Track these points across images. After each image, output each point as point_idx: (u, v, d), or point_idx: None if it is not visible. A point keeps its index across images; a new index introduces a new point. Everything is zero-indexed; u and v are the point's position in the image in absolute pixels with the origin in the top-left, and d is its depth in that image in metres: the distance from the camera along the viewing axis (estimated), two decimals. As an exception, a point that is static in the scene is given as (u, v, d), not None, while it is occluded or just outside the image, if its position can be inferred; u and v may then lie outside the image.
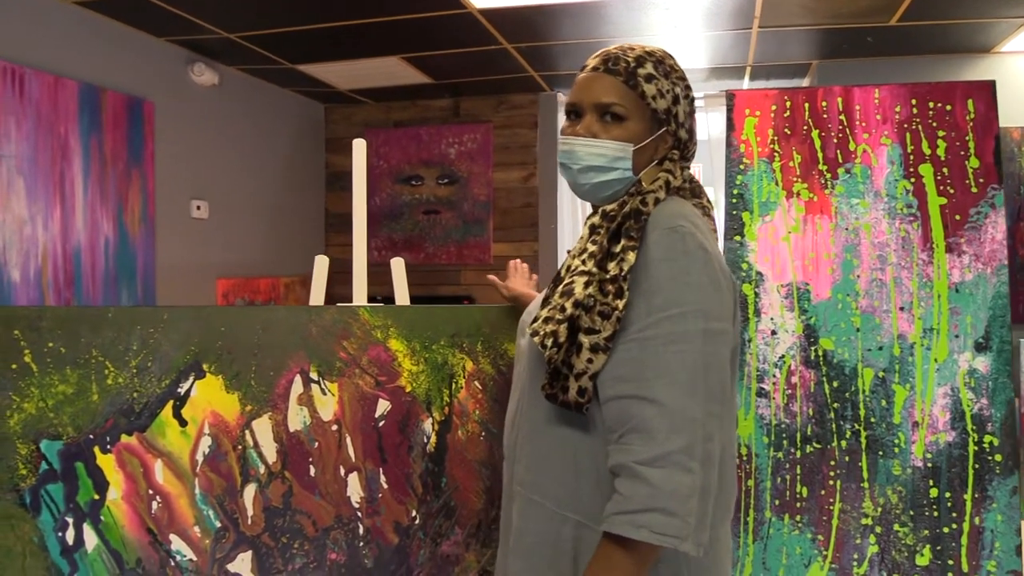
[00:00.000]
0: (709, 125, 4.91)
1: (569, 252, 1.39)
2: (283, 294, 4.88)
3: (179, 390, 1.93)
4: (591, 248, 1.21)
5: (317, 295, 2.13)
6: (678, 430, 1.06)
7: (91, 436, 1.89)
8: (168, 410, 1.93)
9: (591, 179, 1.26)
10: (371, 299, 4.85)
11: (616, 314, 1.11)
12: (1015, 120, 4.17)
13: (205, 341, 1.95)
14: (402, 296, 2.19)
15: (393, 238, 5.32)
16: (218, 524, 1.90)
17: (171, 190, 3.91)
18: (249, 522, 1.90)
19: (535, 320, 1.19)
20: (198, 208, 4.09)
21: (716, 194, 4.81)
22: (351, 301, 2.19)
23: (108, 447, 1.89)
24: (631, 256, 1.13)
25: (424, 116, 5.29)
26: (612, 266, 1.14)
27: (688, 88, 1.31)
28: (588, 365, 1.12)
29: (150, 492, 1.89)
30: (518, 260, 2.02)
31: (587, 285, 1.15)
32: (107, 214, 3.46)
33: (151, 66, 3.79)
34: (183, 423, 1.93)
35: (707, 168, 5.08)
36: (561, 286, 1.20)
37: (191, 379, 1.94)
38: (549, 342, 1.14)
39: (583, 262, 1.20)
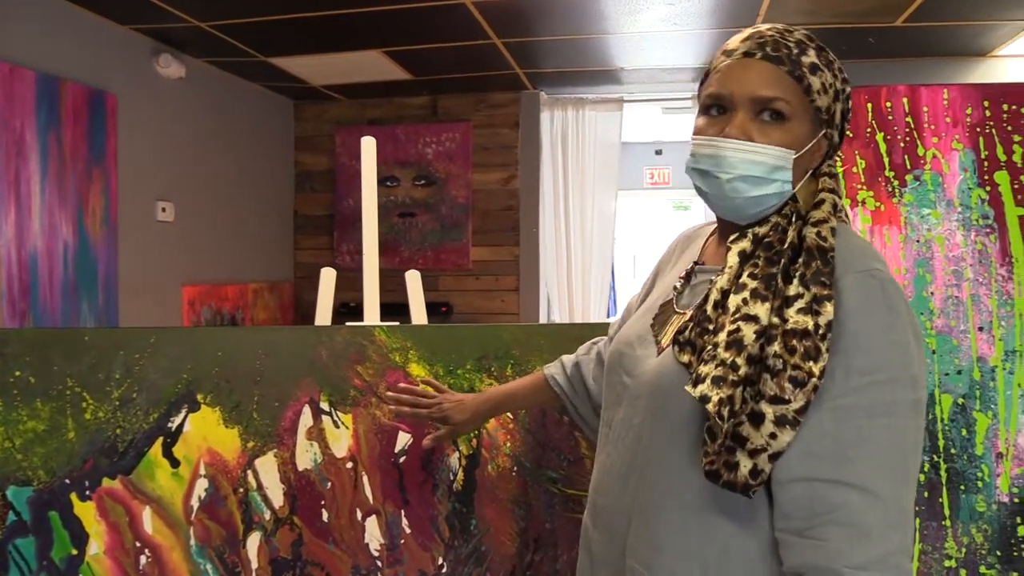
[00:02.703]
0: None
1: (683, 281, 1.15)
2: (251, 301, 4.59)
3: (170, 425, 1.69)
4: (752, 284, 0.98)
5: (324, 312, 1.89)
6: (894, 526, 0.89)
7: (67, 480, 1.63)
8: (157, 448, 1.68)
9: (742, 192, 1.02)
10: (343, 306, 4.60)
11: (813, 381, 0.90)
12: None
13: (199, 368, 1.70)
14: (419, 313, 1.96)
15: (366, 242, 5.06)
16: (218, 580, 1.65)
17: (135, 191, 3.60)
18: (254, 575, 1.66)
19: (698, 379, 0.95)
20: (163, 210, 3.79)
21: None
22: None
23: (87, 493, 1.64)
24: (829, 308, 0.92)
25: (400, 114, 5.04)
26: (796, 316, 0.92)
27: (847, 82, 1.08)
28: (771, 441, 0.91)
29: (137, 545, 1.64)
30: (420, 386, 1.66)
31: (761, 337, 0.94)
32: (66, 216, 3.15)
33: (114, 56, 3.48)
34: (175, 463, 1.68)
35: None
36: (723, 334, 0.96)
37: (184, 412, 1.70)
38: (725, 411, 0.92)
39: (744, 302, 0.97)
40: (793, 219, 1.02)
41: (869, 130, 1.81)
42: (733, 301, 0.98)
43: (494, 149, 4.95)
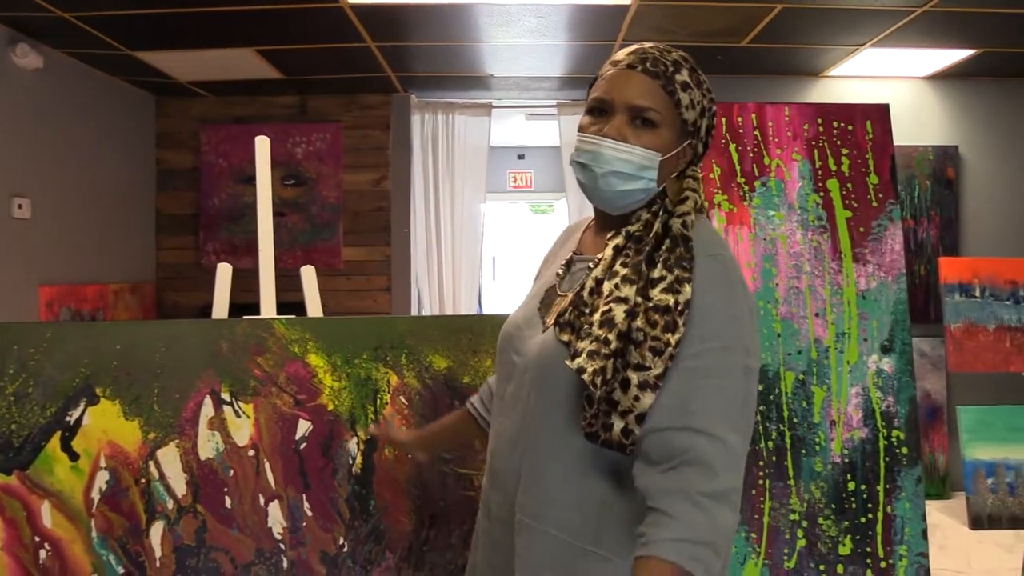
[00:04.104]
0: (562, 131, 5.01)
1: (560, 271, 1.30)
2: (112, 302, 4.43)
3: (68, 419, 1.69)
4: (623, 271, 1.13)
5: (221, 307, 1.94)
6: (731, 468, 1.04)
7: (-40, 477, 1.61)
8: (55, 442, 1.68)
9: (613, 186, 1.18)
10: (209, 308, 4.53)
11: (670, 350, 1.05)
12: (838, 138, 4.58)
13: (97, 362, 1.72)
14: (314, 307, 2.04)
15: (234, 241, 4.98)
16: (121, 570, 1.68)
17: (-11, 186, 3.43)
18: (158, 564, 1.69)
19: (576, 354, 1.10)
20: (19, 207, 3.62)
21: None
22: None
23: (-18, 489, 1.62)
24: (687, 289, 1.08)
25: (267, 113, 5.00)
26: (660, 295, 1.08)
27: (713, 102, 1.24)
28: (635, 403, 1.06)
29: (36, 539, 1.64)
30: (387, 412, 1.83)
31: (630, 315, 1.09)
32: (-84, 213, 2.97)
33: (-36, 44, 3.31)
34: (74, 457, 1.69)
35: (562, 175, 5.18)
36: (598, 315, 1.11)
37: (82, 406, 1.71)
38: (598, 380, 1.06)
39: (616, 286, 1.12)
40: (661, 213, 1.18)
41: (724, 141, 2.05)
42: (607, 286, 1.13)
43: (365, 150, 5.01)
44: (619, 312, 1.09)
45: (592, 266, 1.19)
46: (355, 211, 5.01)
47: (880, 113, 2.07)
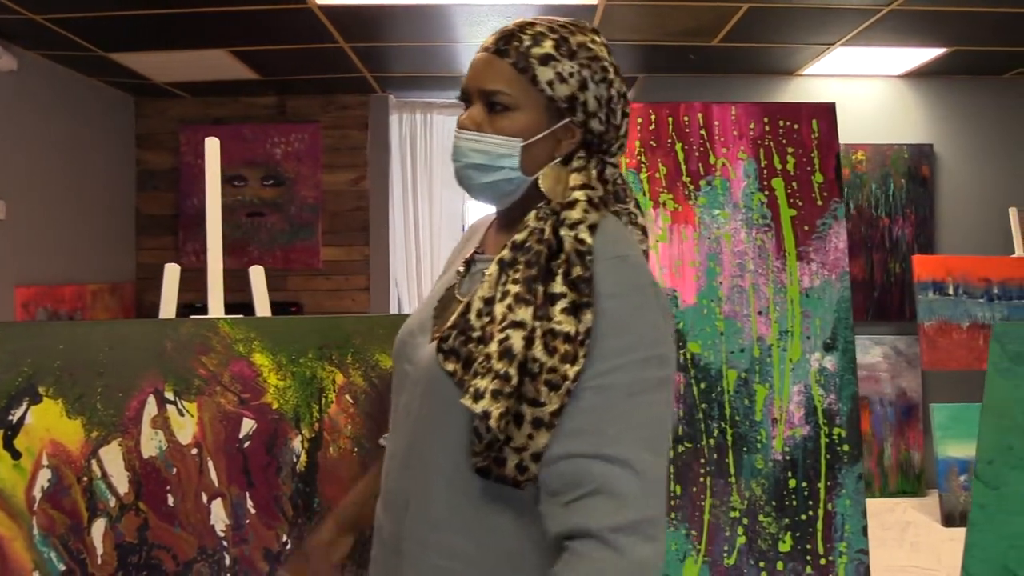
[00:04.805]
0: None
1: (459, 274, 1.18)
2: (90, 303, 4.45)
3: (11, 418, 1.71)
4: (515, 290, 0.99)
5: (168, 307, 1.96)
6: (648, 495, 0.94)
7: (-101, 475, 1.63)
8: (-3, 441, 1.70)
9: (474, 179, 1.08)
10: (188, 307, 4.55)
11: (567, 385, 0.93)
12: (813, 137, 4.59)
13: (40, 361, 1.73)
14: (263, 307, 2.06)
15: (214, 242, 5.00)
16: (62, 567, 1.69)
17: (-40, 188, 3.45)
18: (99, 562, 1.71)
19: (478, 394, 0.96)
20: (-7, 208, 3.65)
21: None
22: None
23: (-78, 487, 1.64)
24: (588, 316, 0.95)
25: (247, 113, 5.02)
26: (561, 316, 0.95)
27: (605, 70, 1.08)
28: (529, 441, 0.94)
29: (-24, 536, 1.66)
30: None
31: (528, 342, 0.96)
32: None
33: (-65, 46, 3.33)
34: (16, 455, 1.70)
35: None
36: (495, 344, 0.97)
37: (25, 405, 1.72)
38: (503, 424, 0.94)
39: (509, 308, 0.98)
40: (548, 219, 1.04)
41: (670, 140, 2.06)
42: (499, 309, 1.00)
43: (343, 150, 5.03)
44: (517, 340, 0.96)
45: (487, 273, 1.06)
46: (334, 211, 5.03)
47: (826, 112, 2.09)
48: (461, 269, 1.19)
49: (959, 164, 4.65)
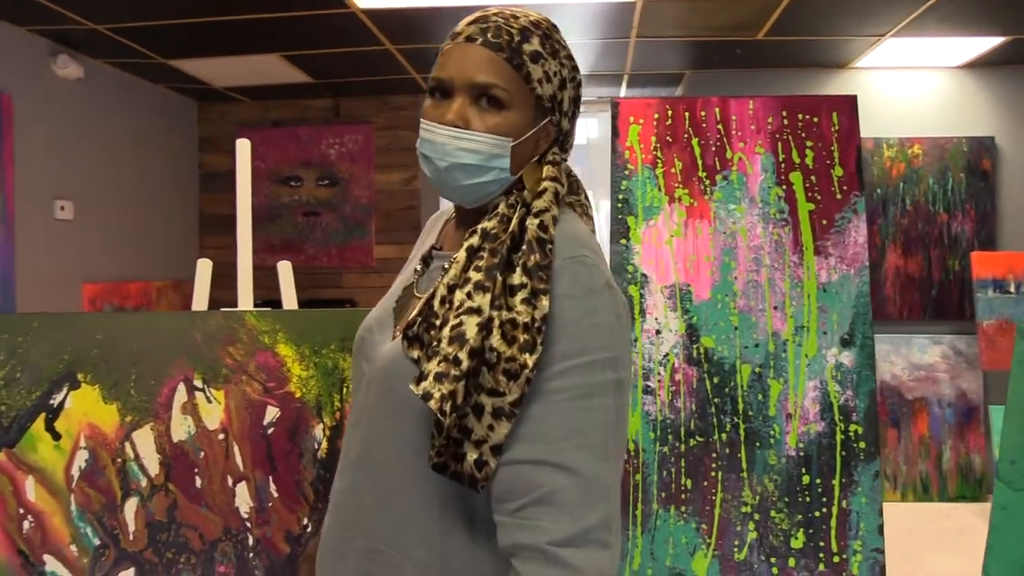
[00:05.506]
0: (587, 129, 5.05)
1: (417, 271, 1.16)
2: (155, 299, 4.66)
3: (52, 402, 1.83)
4: (476, 277, 0.96)
5: (200, 300, 2.06)
6: (595, 502, 0.91)
7: (-48, 454, 1.76)
8: (40, 423, 1.82)
9: (459, 180, 1.02)
10: (256, 304, 4.72)
11: (526, 373, 0.90)
12: (867, 131, 4.48)
13: (79, 350, 1.85)
14: (290, 300, 2.14)
15: (271, 240, 5.18)
16: (97, 541, 1.80)
17: (32, 189, 3.66)
18: (131, 538, 1.82)
19: (422, 376, 0.93)
20: (62, 208, 3.86)
21: (597, 198, 4.95)
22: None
23: (-28, 465, 1.77)
24: (544, 302, 0.92)
25: (303, 116, 5.18)
26: (520, 306, 0.92)
27: (575, 70, 1.07)
28: (489, 433, 0.92)
29: (21, 511, 1.78)
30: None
31: (483, 330, 0.93)
32: (-41, 214, 3.21)
33: (10, 57, 3.54)
34: (56, 437, 1.82)
35: (587, 171, 5.21)
36: (447, 329, 0.94)
37: (65, 390, 1.84)
38: (448, 406, 0.90)
39: (468, 295, 0.95)
40: (518, 207, 1.01)
41: (686, 136, 2.07)
42: (459, 296, 0.97)
43: (395, 150, 5.13)
44: (471, 325, 0.93)
45: (446, 267, 1.02)
46: (386, 210, 5.14)
47: (847, 104, 2.06)
48: (419, 267, 1.16)
49: (1023, 156, 4.47)
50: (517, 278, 0.94)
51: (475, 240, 1.00)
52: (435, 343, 0.95)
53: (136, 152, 4.56)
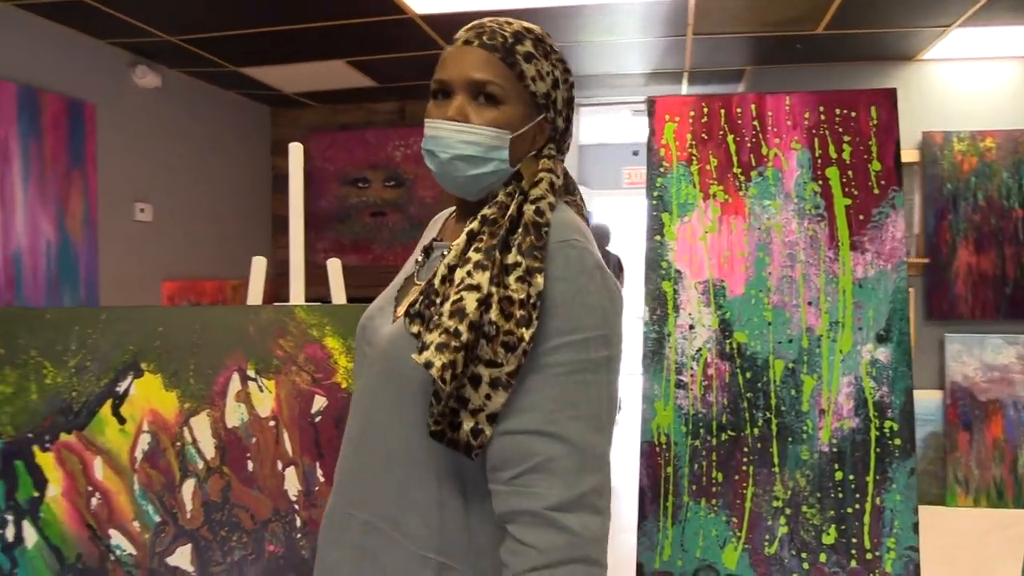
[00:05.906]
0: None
1: (420, 262, 1.22)
2: (230, 296, 4.88)
3: (117, 389, 1.97)
4: (476, 257, 1.02)
5: (254, 295, 2.19)
6: (589, 470, 0.96)
7: (30, 435, 1.92)
8: (107, 408, 1.97)
9: (462, 171, 1.09)
10: (321, 302, 4.89)
11: (523, 346, 0.96)
12: (937, 125, 4.37)
13: (143, 341, 1.99)
14: (338, 295, 2.25)
15: (340, 240, 5.36)
16: (157, 519, 1.94)
17: (114, 193, 3.90)
18: (188, 516, 1.95)
19: (424, 347, 0.98)
20: (141, 210, 4.09)
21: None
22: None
23: (47, 445, 1.93)
24: (539, 280, 0.98)
25: (370, 119, 5.34)
26: (515, 284, 0.98)
27: (568, 72, 1.16)
28: (486, 402, 0.97)
29: (89, 488, 1.93)
30: None
31: (483, 304, 0.98)
32: (48, 217, 3.45)
33: (92, 68, 3.78)
34: (122, 421, 1.97)
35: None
36: (448, 304, 0.99)
37: (129, 378, 1.98)
38: (448, 375, 0.95)
39: (468, 273, 1.00)
40: (516, 195, 1.07)
41: (722, 132, 2.09)
42: (459, 274, 1.02)
43: (459, 151, 5.23)
44: (471, 301, 0.98)
45: (446, 252, 1.08)
46: (450, 210, 5.25)
47: (885, 98, 2.04)
48: (420, 258, 1.23)
49: (1104, 149, 4.28)
50: (512, 257, 1.01)
51: (475, 225, 1.07)
52: (436, 317, 1.00)
53: (211, 156, 4.79)
